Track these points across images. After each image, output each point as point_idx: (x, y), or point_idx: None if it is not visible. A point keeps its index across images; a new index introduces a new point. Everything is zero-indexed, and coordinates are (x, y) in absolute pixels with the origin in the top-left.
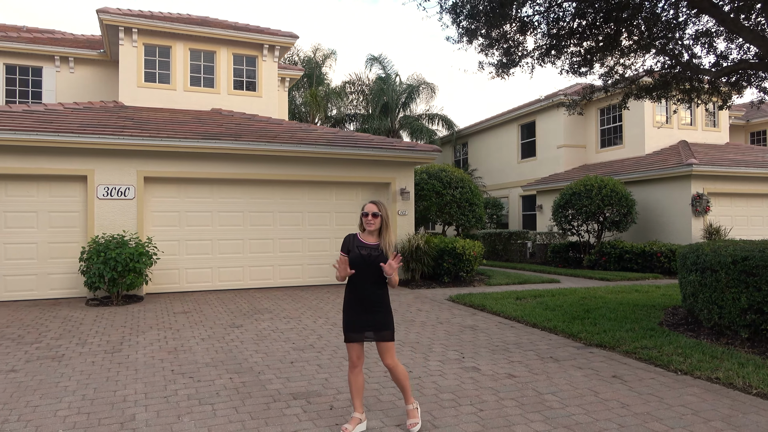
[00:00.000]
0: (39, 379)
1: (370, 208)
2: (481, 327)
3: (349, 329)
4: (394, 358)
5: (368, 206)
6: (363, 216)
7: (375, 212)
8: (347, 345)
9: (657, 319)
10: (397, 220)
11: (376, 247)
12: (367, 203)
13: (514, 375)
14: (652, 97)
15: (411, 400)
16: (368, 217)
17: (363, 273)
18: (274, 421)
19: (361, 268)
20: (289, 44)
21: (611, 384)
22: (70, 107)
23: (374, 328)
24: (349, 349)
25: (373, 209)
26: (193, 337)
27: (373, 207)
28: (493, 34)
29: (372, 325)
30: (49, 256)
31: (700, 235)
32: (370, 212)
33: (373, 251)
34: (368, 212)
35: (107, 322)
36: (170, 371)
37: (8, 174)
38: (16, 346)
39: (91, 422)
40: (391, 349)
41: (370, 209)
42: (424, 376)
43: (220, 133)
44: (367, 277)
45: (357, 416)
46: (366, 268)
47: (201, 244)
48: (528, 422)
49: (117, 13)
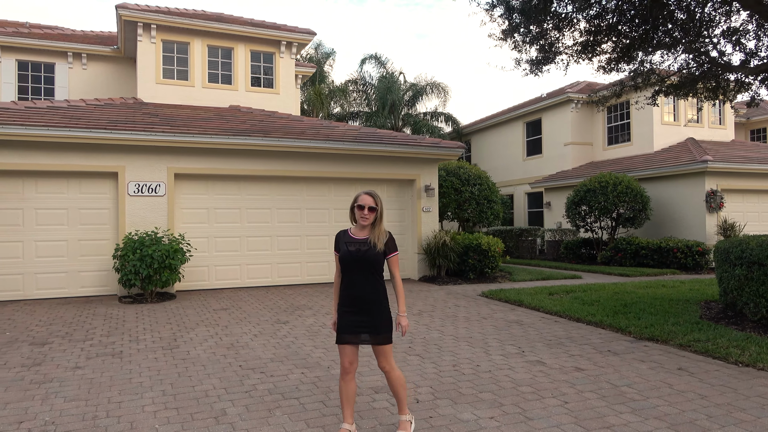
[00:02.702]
0: (108, 375)
1: (365, 200)
2: (527, 322)
3: (342, 330)
4: (390, 362)
5: (363, 198)
6: (357, 209)
7: (372, 206)
8: (339, 347)
9: (695, 312)
10: (422, 217)
11: (365, 241)
12: (362, 194)
13: (581, 368)
14: (678, 95)
15: (405, 411)
16: (363, 211)
17: (353, 270)
18: (367, 414)
19: (351, 266)
20: (306, 41)
21: (680, 376)
22: (92, 103)
23: (370, 330)
24: (341, 353)
25: (370, 203)
26: (245, 334)
27: (369, 200)
28: (533, 31)
29: (367, 327)
30: (79, 254)
31: (714, 231)
32: (366, 206)
33: (361, 246)
34: (364, 205)
35: (150, 320)
36: (238, 367)
37: (39, 171)
38: (69, 344)
39: (184, 417)
40: (388, 353)
41: (366, 202)
42: (494, 369)
43: (247, 129)
44: (358, 274)
45: (346, 427)
46: (355, 265)
47: (230, 241)
48: (617, 414)
49: (136, 9)
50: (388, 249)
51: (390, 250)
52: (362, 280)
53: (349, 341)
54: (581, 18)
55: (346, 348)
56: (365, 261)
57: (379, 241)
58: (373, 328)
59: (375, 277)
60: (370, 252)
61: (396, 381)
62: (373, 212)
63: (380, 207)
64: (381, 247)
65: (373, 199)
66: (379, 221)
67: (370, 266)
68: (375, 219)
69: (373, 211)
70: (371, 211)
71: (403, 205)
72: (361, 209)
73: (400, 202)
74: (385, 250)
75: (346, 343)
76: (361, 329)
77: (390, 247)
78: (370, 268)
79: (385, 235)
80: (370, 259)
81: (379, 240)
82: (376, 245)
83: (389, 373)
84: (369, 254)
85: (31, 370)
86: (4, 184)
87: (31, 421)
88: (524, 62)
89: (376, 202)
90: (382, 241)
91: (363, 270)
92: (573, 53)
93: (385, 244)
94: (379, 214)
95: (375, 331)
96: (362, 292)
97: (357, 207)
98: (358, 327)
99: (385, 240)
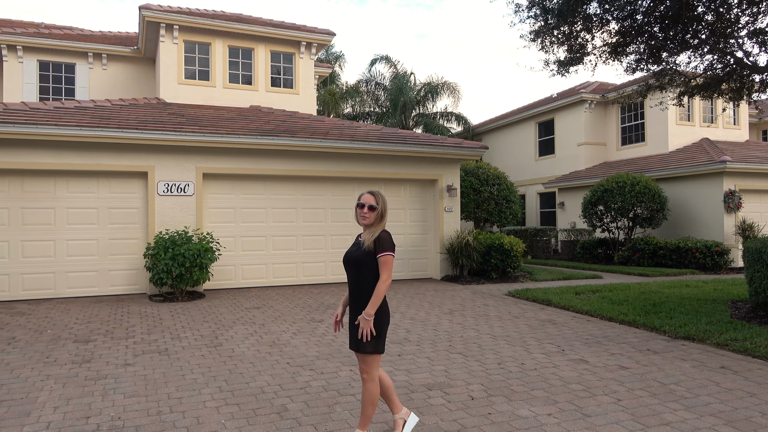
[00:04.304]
0: (161, 372)
1: (366, 199)
2: (559, 321)
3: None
4: (370, 372)
5: (365, 197)
6: (358, 207)
7: (372, 205)
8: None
9: (725, 312)
10: (444, 217)
11: (358, 242)
12: (365, 193)
13: (625, 366)
14: (703, 96)
15: (363, 427)
16: (363, 210)
17: (347, 272)
18: (427, 411)
19: (345, 267)
20: (326, 41)
21: (724, 375)
22: (117, 103)
23: (353, 334)
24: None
25: (370, 201)
26: (283, 332)
27: (370, 198)
28: (564, 32)
29: (353, 330)
30: (109, 253)
31: (733, 232)
32: (366, 204)
33: (354, 247)
34: (364, 203)
35: (186, 318)
36: (286, 364)
37: (70, 170)
38: (113, 341)
39: (247, 413)
40: (367, 361)
41: (367, 200)
42: (539, 367)
43: (273, 130)
44: (350, 276)
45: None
46: (347, 266)
47: (256, 241)
48: (671, 411)
49: (159, 10)
50: (379, 248)
51: (380, 249)
52: (352, 283)
53: (350, 346)
54: (612, 19)
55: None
56: (350, 262)
57: (370, 241)
58: (354, 333)
59: (364, 280)
60: (357, 252)
61: (368, 394)
62: (372, 211)
63: (382, 207)
64: (369, 246)
65: (375, 197)
66: (379, 222)
67: (357, 268)
68: (375, 219)
69: (372, 210)
70: (371, 210)
71: (426, 205)
72: (361, 207)
73: (422, 201)
74: (374, 249)
75: (350, 347)
76: (351, 331)
77: (380, 246)
78: (357, 270)
79: (377, 234)
80: (354, 260)
81: (371, 238)
82: (365, 245)
83: (365, 383)
84: (355, 254)
85: (83, 366)
86: (37, 183)
87: (97, 416)
88: (552, 63)
89: (377, 201)
90: (371, 239)
91: (353, 272)
92: (601, 54)
93: (373, 242)
94: (380, 214)
95: (355, 336)
96: (352, 294)
97: (357, 206)
98: (349, 329)
99: (374, 237)
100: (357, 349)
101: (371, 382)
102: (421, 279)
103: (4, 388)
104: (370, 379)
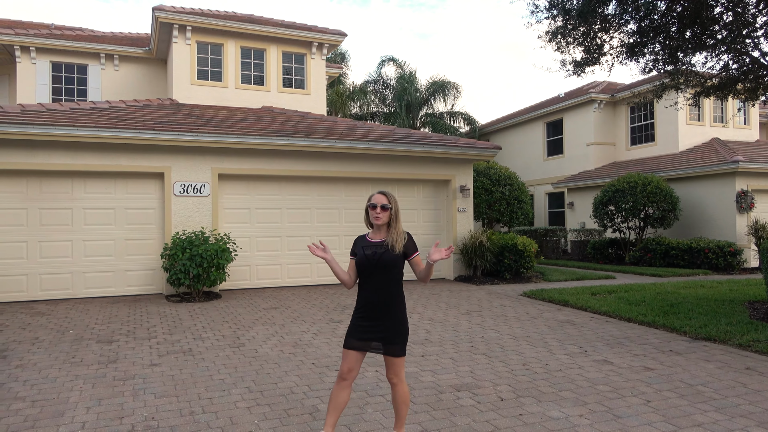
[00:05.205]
0: (188, 372)
1: (378, 199)
2: (578, 322)
3: (351, 334)
4: (400, 375)
5: (376, 197)
6: (370, 208)
7: (384, 204)
8: (343, 351)
9: (743, 313)
10: (457, 217)
11: (381, 244)
12: (375, 194)
13: (650, 368)
14: (718, 96)
15: (401, 428)
16: (376, 210)
17: (370, 275)
18: (458, 411)
19: (368, 271)
20: (337, 42)
21: (750, 376)
22: (132, 104)
23: (383, 339)
24: (344, 357)
25: (382, 201)
26: (304, 332)
27: (381, 198)
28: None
29: (381, 335)
30: (125, 253)
31: (745, 232)
32: (378, 204)
33: (378, 248)
34: (376, 204)
35: (206, 318)
36: (311, 364)
37: (87, 171)
38: (136, 342)
39: (279, 413)
40: (399, 365)
41: (379, 201)
42: (564, 368)
43: (288, 130)
44: (375, 279)
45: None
46: (373, 270)
47: (270, 241)
48: (702, 412)
49: (172, 11)
50: (409, 250)
51: (411, 251)
52: (379, 286)
53: (356, 347)
54: (630, 19)
55: (351, 354)
56: (382, 265)
57: (397, 243)
58: (386, 337)
59: (392, 283)
60: (387, 255)
61: (401, 396)
62: (386, 211)
63: (395, 206)
64: (400, 249)
65: (386, 197)
66: (396, 221)
67: (388, 270)
68: (390, 219)
69: (386, 210)
70: (384, 209)
71: (439, 206)
72: (373, 208)
73: (435, 202)
74: (405, 251)
75: (352, 348)
76: (373, 337)
77: (410, 248)
78: (388, 273)
79: (403, 236)
80: (387, 263)
81: (397, 242)
82: (394, 247)
83: (396, 386)
84: (386, 257)
85: (109, 367)
86: (55, 184)
87: (130, 416)
88: (569, 63)
89: (390, 201)
90: (401, 242)
91: (380, 275)
92: (618, 54)
93: (404, 246)
94: (394, 214)
95: (388, 341)
96: (378, 298)
97: (369, 206)
98: (368, 333)
99: (405, 241)
100: (391, 354)
101: (403, 385)
102: (434, 279)
103: (35, 388)
104: (400, 382)
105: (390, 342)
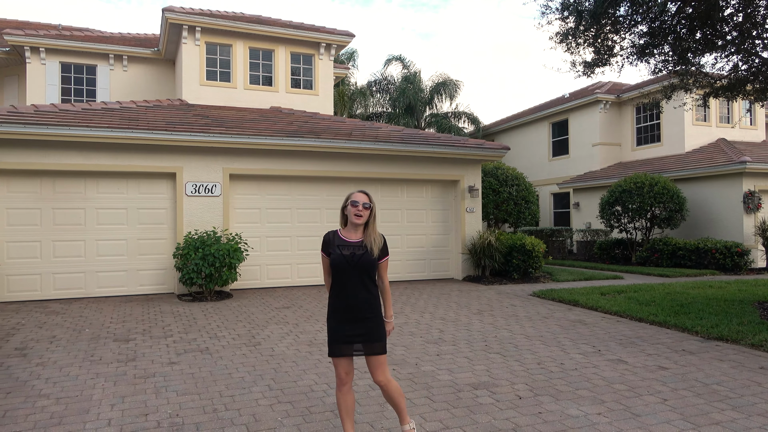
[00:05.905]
0: (207, 370)
1: (360, 197)
2: (589, 322)
3: (336, 341)
4: (386, 374)
5: (358, 195)
6: (351, 205)
7: (366, 203)
8: (333, 360)
9: (753, 313)
10: (465, 217)
11: (359, 245)
12: (356, 192)
13: (664, 367)
14: (728, 97)
15: (407, 420)
16: (358, 207)
17: (347, 276)
18: (478, 410)
19: (345, 271)
20: (345, 43)
21: (765, 375)
22: (142, 105)
23: (364, 339)
24: (336, 365)
25: (364, 199)
26: (318, 331)
27: (363, 197)
28: (592, 33)
29: (361, 336)
30: (138, 253)
31: (752, 232)
32: (360, 202)
33: (356, 250)
34: (358, 201)
35: (220, 317)
36: (328, 363)
37: (100, 171)
38: (152, 340)
39: (301, 411)
40: (383, 364)
41: (361, 199)
42: (579, 368)
43: (298, 131)
44: (352, 280)
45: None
46: (351, 270)
47: (281, 241)
48: (719, 410)
49: (182, 12)
50: (383, 252)
51: (383, 254)
52: (357, 287)
53: (345, 353)
54: (641, 20)
55: (342, 360)
56: (361, 266)
57: (375, 246)
58: (368, 338)
59: (370, 284)
60: (366, 257)
61: (395, 392)
62: (367, 210)
63: (374, 206)
64: (377, 253)
65: (368, 196)
66: (372, 222)
67: (366, 272)
68: (368, 219)
69: (367, 209)
70: (365, 208)
71: (447, 206)
72: (355, 205)
73: (443, 202)
74: (380, 253)
75: (342, 355)
76: (356, 339)
77: (384, 252)
78: (366, 274)
79: (380, 238)
80: (366, 265)
81: (375, 244)
82: (372, 250)
83: (386, 386)
84: (366, 259)
85: (128, 365)
86: (68, 184)
87: (155, 413)
88: (579, 64)
89: (370, 200)
90: (378, 246)
91: (358, 276)
92: (629, 55)
93: (380, 248)
94: (373, 214)
95: (370, 340)
96: (357, 299)
97: (351, 204)
98: (352, 336)
99: (382, 243)
100: (375, 352)
101: (392, 382)
102: (442, 279)
103: (57, 385)
104: (389, 380)
105: (373, 341)
